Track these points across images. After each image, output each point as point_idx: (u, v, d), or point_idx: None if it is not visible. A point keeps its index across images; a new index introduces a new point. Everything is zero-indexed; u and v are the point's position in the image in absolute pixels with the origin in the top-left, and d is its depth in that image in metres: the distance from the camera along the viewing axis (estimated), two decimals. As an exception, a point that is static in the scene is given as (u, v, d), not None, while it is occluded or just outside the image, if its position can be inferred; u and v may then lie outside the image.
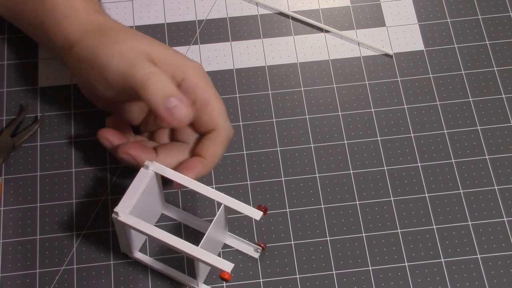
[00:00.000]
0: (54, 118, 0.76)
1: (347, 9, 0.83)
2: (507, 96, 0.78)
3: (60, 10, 0.70)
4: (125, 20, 0.81)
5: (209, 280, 0.68)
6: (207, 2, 0.83)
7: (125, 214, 0.63)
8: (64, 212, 0.71)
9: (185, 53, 0.79)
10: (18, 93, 0.77)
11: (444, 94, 0.78)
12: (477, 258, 0.70)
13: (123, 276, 0.69)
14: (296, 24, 0.82)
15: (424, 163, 0.74)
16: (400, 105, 0.77)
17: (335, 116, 0.77)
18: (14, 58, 0.79)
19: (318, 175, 0.74)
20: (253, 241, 0.70)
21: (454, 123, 0.76)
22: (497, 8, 0.82)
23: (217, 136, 0.67)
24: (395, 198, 0.72)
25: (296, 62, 0.79)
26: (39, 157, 0.74)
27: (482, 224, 0.71)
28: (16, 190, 0.72)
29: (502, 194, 0.73)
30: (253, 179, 0.73)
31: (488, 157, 0.75)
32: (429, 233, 0.71)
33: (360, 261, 0.70)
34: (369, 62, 0.79)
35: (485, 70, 0.79)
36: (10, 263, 0.69)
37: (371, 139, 0.75)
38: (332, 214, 0.72)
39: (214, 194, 0.64)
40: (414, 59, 0.80)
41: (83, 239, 0.70)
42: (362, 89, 0.78)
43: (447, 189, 0.73)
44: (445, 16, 0.82)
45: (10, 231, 0.71)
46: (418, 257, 0.70)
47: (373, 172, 0.74)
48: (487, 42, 0.81)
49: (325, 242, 0.71)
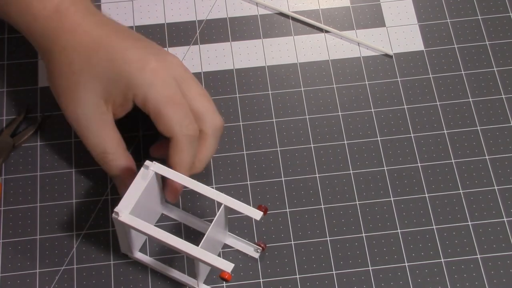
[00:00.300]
0: (54, 118, 0.76)
1: (347, 9, 0.83)
2: (507, 96, 0.78)
3: None
4: (125, 20, 0.81)
5: (209, 280, 0.68)
6: (207, 2, 0.83)
7: (125, 214, 0.63)
8: (64, 212, 0.71)
9: (185, 53, 0.79)
10: (18, 93, 0.77)
11: (444, 94, 0.78)
12: (477, 258, 0.70)
13: (123, 276, 0.69)
14: (296, 24, 0.82)
15: (424, 163, 0.74)
16: (400, 105, 0.77)
17: (335, 116, 0.77)
18: (14, 58, 0.79)
19: (318, 175, 0.73)
20: (253, 241, 0.70)
21: (454, 123, 0.76)
22: (497, 8, 0.82)
23: (176, 144, 0.66)
24: (395, 198, 0.72)
25: (296, 62, 0.79)
26: (39, 157, 0.74)
27: (482, 224, 0.71)
28: (16, 190, 0.72)
29: (502, 194, 0.73)
30: (253, 179, 0.73)
31: (488, 157, 0.75)
32: (429, 233, 0.71)
33: (360, 261, 0.70)
34: (369, 62, 0.79)
35: (485, 70, 0.79)
36: (10, 263, 0.69)
37: (371, 139, 0.75)
38: (332, 214, 0.72)
39: (214, 194, 0.64)
40: (414, 59, 0.80)
41: (83, 239, 0.70)
42: (362, 89, 0.78)
43: (447, 189, 0.73)
44: (445, 16, 0.82)
45: (10, 231, 0.70)
46: (418, 257, 0.70)
47: (373, 172, 0.74)
48: (487, 42, 0.81)
49: (325, 242, 0.70)
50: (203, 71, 0.79)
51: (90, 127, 0.68)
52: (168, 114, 0.66)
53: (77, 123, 0.68)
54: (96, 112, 0.67)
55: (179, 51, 0.80)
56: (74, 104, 0.67)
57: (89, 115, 0.67)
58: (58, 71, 0.68)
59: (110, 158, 0.68)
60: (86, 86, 0.66)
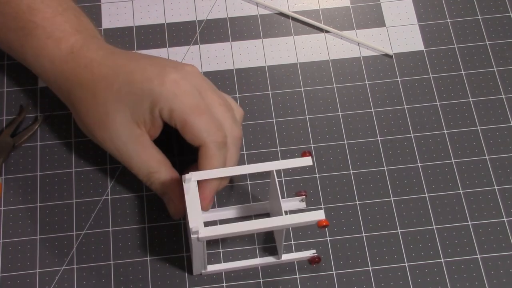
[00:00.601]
0: (54, 118, 0.76)
1: (347, 9, 0.83)
2: (507, 96, 0.78)
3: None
4: (125, 20, 0.81)
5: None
6: (207, 2, 0.83)
7: (203, 230, 0.62)
8: (64, 212, 0.71)
9: (185, 53, 0.80)
10: (18, 93, 0.77)
11: (444, 94, 0.78)
12: (477, 258, 0.70)
13: (123, 276, 0.69)
14: (296, 24, 0.82)
15: (424, 163, 0.74)
16: (400, 105, 0.77)
17: (335, 116, 0.77)
18: (14, 58, 0.79)
19: (318, 175, 0.73)
20: (253, 243, 0.70)
21: (454, 123, 0.76)
22: (497, 8, 0.82)
23: (206, 151, 0.66)
24: (395, 198, 0.72)
25: (296, 62, 0.80)
26: (39, 157, 0.74)
27: (482, 224, 0.71)
28: (16, 190, 0.72)
29: (502, 194, 0.73)
30: (253, 179, 0.73)
31: (488, 157, 0.75)
32: (429, 233, 0.71)
33: (360, 261, 0.70)
34: (369, 62, 0.79)
35: (485, 70, 0.79)
36: (10, 263, 0.69)
37: (371, 139, 0.75)
38: (332, 214, 0.72)
39: (259, 167, 0.65)
40: (414, 59, 0.80)
41: (83, 239, 0.70)
42: (362, 89, 0.78)
43: (447, 189, 0.73)
44: (445, 16, 0.82)
45: (10, 231, 0.71)
46: (418, 257, 0.70)
47: (373, 172, 0.74)
48: (487, 42, 0.81)
49: (325, 242, 0.70)
50: (203, 71, 0.79)
51: (130, 152, 0.68)
52: (195, 122, 0.66)
53: (118, 152, 0.68)
54: (132, 136, 0.68)
55: (179, 51, 0.80)
56: (110, 135, 0.68)
57: (126, 141, 0.68)
58: (85, 109, 0.69)
59: (156, 177, 0.68)
60: (115, 114, 0.67)
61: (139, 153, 0.68)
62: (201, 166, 0.66)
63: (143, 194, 0.72)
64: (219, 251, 0.70)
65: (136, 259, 0.70)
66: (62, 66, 0.70)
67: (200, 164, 0.66)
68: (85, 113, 0.69)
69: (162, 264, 0.69)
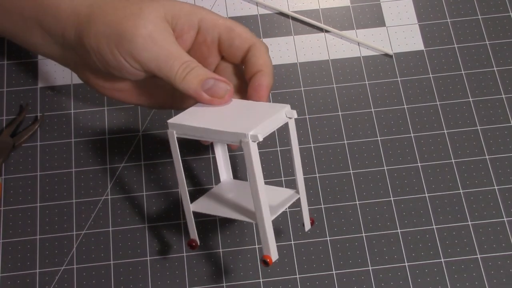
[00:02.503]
0: (54, 118, 0.76)
1: (347, 9, 0.83)
2: (507, 96, 0.78)
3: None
4: (125, 20, 0.81)
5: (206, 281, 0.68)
6: (207, 2, 0.83)
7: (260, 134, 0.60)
8: (64, 212, 0.71)
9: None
10: (18, 93, 0.77)
11: (444, 94, 0.78)
12: (477, 258, 0.70)
13: (123, 276, 0.69)
14: (296, 24, 0.82)
15: (424, 163, 0.74)
16: (400, 105, 0.77)
17: (335, 116, 0.77)
18: (14, 58, 0.79)
19: (318, 175, 0.74)
20: (253, 243, 0.70)
21: (454, 123, 0.76)
22: (497, 8, 0.82)
23: (258, 48, 0.67)
24: (395, 198, 0.73)
25: (296, 62, 0.80)
26: (39, 157, 0.74)
27: (482, 224, 0.71)
28: (16, 190, 0.72)
29: (502, 194, 0.73)
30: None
31: (488, 157, 0.75)
32: (429, 233, 0.71)
33: (360, 261, 0.70)
34: (369, 62, 0.79)
35: (485, 70, 0.79)
36: (10, 263, 0.69)
37: (371, 139, 0.75)
38: (332, 214, 0.72)
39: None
40: (414, 59, 0.80)
41: (83, 239, 0.70)
42: (362, 89, 0.78)
43: (447, 189, 0.73)
44: (445, 16, 0.82)
45: (10, 231, 0.71)
46: (418, 257, 0.70)
47: (373, 172, 0.74)
48: (487, 42, 0.81)
49: (325, 242, 0.71)
50: (203, 71, 0.79)
51: (168, 39, 0.66)
52: (242, 27, 0.67)
53: (151, 39, 0.65)
54: (167, 28, 0.66)
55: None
56: (144, 22, 0.65)
57: (162, 30, 0.66)
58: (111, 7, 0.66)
59: (196, 64, 0.66)
60: (150, 8, 0.66)
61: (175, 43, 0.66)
62: (255, 65, 0.66)
63: (143, 194, 0.72)
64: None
65: (136, 259, 0.70)
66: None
67: (253, 63, 0.67)
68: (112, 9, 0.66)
69: (162, 264, 0.69)
